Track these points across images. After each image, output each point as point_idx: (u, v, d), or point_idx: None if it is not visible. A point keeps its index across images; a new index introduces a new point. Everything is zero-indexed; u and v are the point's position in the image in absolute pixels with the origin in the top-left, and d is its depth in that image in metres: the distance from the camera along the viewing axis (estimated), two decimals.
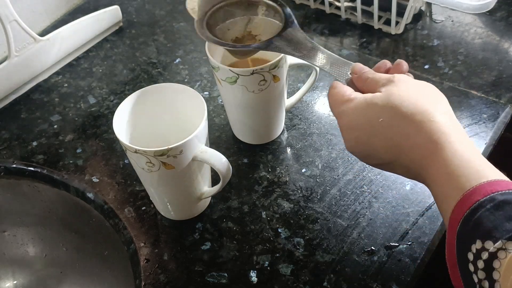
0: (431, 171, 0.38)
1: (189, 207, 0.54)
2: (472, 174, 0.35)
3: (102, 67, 0.73)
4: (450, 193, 0.36)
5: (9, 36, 0.65)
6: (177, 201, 0.53)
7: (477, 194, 0.34)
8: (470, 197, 0.34)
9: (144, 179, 0.51)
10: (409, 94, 0.39)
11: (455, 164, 0.36)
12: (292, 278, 0.49)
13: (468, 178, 0.35)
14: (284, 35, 0.48)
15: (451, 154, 0.37)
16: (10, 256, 0.67)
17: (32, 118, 0.67)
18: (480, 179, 0.35)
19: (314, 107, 0.65)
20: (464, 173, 0.36)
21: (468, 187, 0.35)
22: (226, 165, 0.48)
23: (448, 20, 0.75)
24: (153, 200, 0.55)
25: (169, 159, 0.46)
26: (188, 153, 0.46)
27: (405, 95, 0.39)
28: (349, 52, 0.72)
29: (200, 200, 0.53)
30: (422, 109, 0.39)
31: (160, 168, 0.46)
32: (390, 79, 0.41)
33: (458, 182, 0.36)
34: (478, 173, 0.35)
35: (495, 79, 0.66)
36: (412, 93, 0.40)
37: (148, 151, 0.45)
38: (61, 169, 0.61)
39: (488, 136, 0.59)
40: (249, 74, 0.52)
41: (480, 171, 0.36)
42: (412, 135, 0.38)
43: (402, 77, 0.41)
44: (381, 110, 0.40)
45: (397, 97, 0.39)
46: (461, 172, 0.36)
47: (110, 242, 0.58)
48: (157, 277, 0.50)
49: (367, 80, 0.43)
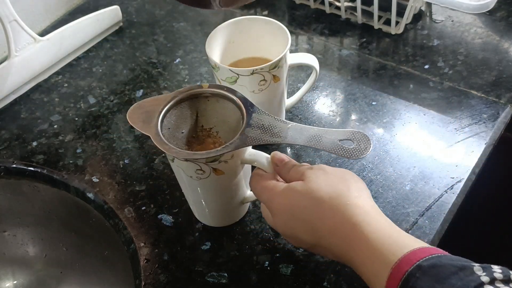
0: (355, 253, 0.40)
1: (232, 213, 0.53)
2: (395, 247, 0.37)
3: (102, 67, 0.73)
4: (378, 270, 0.38)
5: (9, 36, 0.65)
6: (221, 206, 0.51)
7: (405, 264, 0.36)
8: (399, 270, 0.36)
9: (190, 187, 0.49)
10: (325, 180, 0.42)
11: (377, 241, 0.38)
12: (292, 278, 0.49)
13: (392, 252, 0.37)
14: (253, 123, 0.45)
15: (371, 233, 0.39)
16: (10, 256, 0.67)
17: (32, 118, 0.67)
18: (403, 250, 0.37)
19: (314, 107, 0.65)
20: (387, 248, 0.38)
21: (395, 260, 0.37)
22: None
23: (448, 20, 0.75)
24: (192, 207, 0.54)
25: (221, 165, 0.45)
26: (237, 157, 0.46)
27: (321, 181, 0.42)
28: (349, 52, 0.72)
29: (242, 204, 0.52)
30: (337, 193, 0.41)
31: (210, 175, 0.45)
32: (310, 167, 0.45)
33: (384, 258, 0.37)
34: (400, 244, 0.38)
35: (495, 79, 0.66)
36: (329, 179, 0.43)
37: (200, 158, 0.43)
38: (61, 169, 0.61)
39: (488, 136, 0.59)
40: (249, 74, 0.52)
41: (401, 242, 0.38)
42: (330, 218, 0.41)
43: (321, 166, 0.45)
44: (300, 195, 0.42)
45: (314, 183, 0.42)
46: (385, 248, 0.38)
47: (110, 242, 0.58)
48: (157, 277, 0.50)
49: (293, 168, 0.45)
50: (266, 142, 0.44)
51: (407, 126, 0.61)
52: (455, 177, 0.55)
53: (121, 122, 0.65)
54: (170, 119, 0.48)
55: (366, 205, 0.41)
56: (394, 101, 0.64)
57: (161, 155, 0.61)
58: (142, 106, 0.47)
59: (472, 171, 0.56)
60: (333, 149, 0.44)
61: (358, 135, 0.44)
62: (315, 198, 0.42)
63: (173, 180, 0.56)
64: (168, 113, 0.47)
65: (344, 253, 0.41)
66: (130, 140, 0.63)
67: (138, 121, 0.46)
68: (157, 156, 0.61)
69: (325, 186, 0.42)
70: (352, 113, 0.63)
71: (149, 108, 0.47)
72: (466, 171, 0.56)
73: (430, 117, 0.62)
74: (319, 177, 0.43)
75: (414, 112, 0.63)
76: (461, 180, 0.55)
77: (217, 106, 0.48)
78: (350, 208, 0.40)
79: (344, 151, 0.43)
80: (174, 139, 0.48)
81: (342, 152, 0.43)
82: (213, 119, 0.49)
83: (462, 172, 0.56)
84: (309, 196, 0.42)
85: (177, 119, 0.48)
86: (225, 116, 0.48)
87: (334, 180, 0.43)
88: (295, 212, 0.43)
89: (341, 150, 0.43)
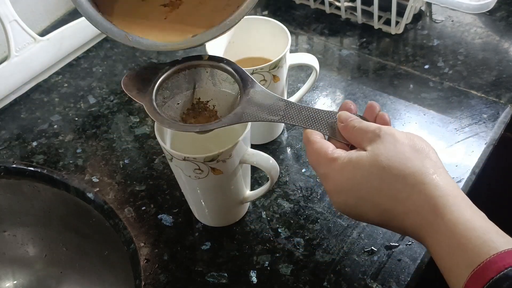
0: (432, 241, 0.36)
1: (231, 212, 0.53)
2: (479, 246, 0.33)
3: (102, 67, 0.73)
4: (457, 267, 0.33)
5: (9, 36, 0.64)
6: (221, 206, 0.51)
7: (489, 270, 0.31)
8: (482, 274, 0.32)
9: (189, 186, 0.49)
10: (397, 153, 0.37)
11: (459, 234, 0.34)
12: (292, 278, 0.49)
13: (476, 252, 0.33)
14: (250, 98, 0.43)
15: (452, 224, 0.34)
16: (10, 256, 0.67)
17: (32, 118, 0.67)
18: (489, 251, 0.32)
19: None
20: (470, 246, 0.33)
21: (478, 262, 0.32)
22: (274, 166, 0.47)
23: (448, 20, 0.75)
24: (192, 207, 0.54)
25: (219, 164, 0.44)
26: (236, 156, 0.46)
27: (393, 155, 0.37)
28: (349, 52, 0.72)
29: (242, 204, 0.52)
30: (412, 170, 0.36)
31: (209, 174, 0.45)
32: (376, 133, 0.39)
33: (465, 256, 0.33)
34: (486, 243, 0.33)
35: (495, 79, 0.66)
36: (400, 152, 0.37)
37: (198, 157, 0.43)
38: (61, 169, 0.61)
39: (488, 136, 0.59)
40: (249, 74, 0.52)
41: (487, 240, 0.33)
42: (404, 199, 0.36)
43: (388, 130, 0.39)
44: (368, 173, 0.37)
45: (385, 158, 0.37)
46: (467, 245, 0.33)
47: (110, 242, 0.58)
48: (157, 277, 0.50)
49: (354, 129, 0.40)
50: (262, 119, 0.42)
51: (407, 126, 0.61)
52: (455, 177, 0.55)
53: (121, 122, 0.65)
54: (166, 89, 0.46)
55: (447, 186, 0.36)
56: (394, 101, 0.64)
57: (161, 155, 0.61)
58: (139, 74, 0.45)
59: (472, 171, 0.56)
60: (330, 132, 0.42)
61: None
62: (385, 177, 0.37)
63: (173, 180, 0.56)
64: (165, 83, 0.45)
65: (419, 236, 0.37)
66: (130, 140, 0.63)
67: (133, 89, 0.44)
68: (157, 156, 0.61)
69: (396, 160, 0.37)
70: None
71: (145, 76, 0.45)
72: (466, 171, 0.56)
73: (430, 117, 0.62)
74: (389, 148, 0.37)
75: (414, 112, 0.63)
76: (461, 180, 0.55)
77: (215, 79, 0.47)
78: (429, 188, 0.36)
79: (340, 134, 0.42)
80: (169, 110, 0.46)
81: (338, 135, 0.42)
82: (211, 92, 0.47)
83: (462, 172, 0.56)
84: (378, 174, 0.37)
85: (174, 90, 0.46)
86: (223, 90, 0.47)
87: (406, 151, 0.37)
88: (361, 191, 0.38)
89: (337, 133, 0.42)
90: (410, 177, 0.36)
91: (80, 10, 0.41)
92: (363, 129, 0.40)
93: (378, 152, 0.38)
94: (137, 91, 0.44)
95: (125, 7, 0.44)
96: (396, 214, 0.37)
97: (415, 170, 0.36)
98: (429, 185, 0.36)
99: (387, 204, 0.37)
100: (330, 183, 0.40)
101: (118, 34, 0.41)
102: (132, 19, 0.44)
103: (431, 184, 0.36)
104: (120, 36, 0.41)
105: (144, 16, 0.44)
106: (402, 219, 0.37)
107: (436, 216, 0.35)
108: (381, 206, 0.38)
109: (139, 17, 0.44)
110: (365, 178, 0.38)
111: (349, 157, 0.39)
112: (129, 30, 0.43)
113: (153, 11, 0.45)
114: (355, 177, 0.38)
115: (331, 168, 0.39)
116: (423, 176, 0.36)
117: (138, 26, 0.44)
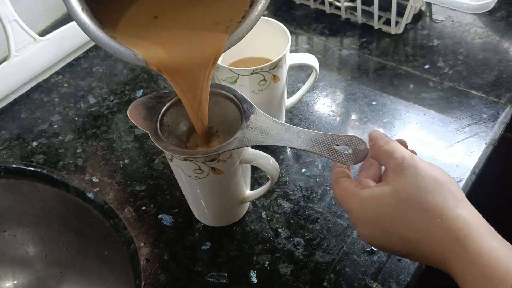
0: (457, 270, 0.36)
1: (231, 212, 0.53)
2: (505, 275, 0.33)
3: (102, 67, 0.73)
4: None
5: (9, 36, 0.65)
6: (221, 206, 0.51)
7: None
8: None
9: (189, 186, 0.49)
10: (418, 187, 0.38)
11: (483, 264, 0.34)
12: (292, 278, 0.49)
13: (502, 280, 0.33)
14: (251, 123, 0.45)
15: (476, 254, 0.35)
16: (10, 256, 0.67)
17: (32, 118, 0.67)
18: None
19: (314, 107, 0.65)
20: (496, 274, 0.34)
21: None
22: (275, 166, 0.47)
23: (448, 20, 0.75)
24: (192, 207, 0.54)
25: (219, 164, 0.45)
26: (236, 156, 0.46)
27: (414, 189, 0.38)
28: (349, 52, 0.72)
29: (242, 204, 0.52)
30: (433, 204, 0.38)
31: (209, 174, 0.45)
32: (399, 164, 0.40)
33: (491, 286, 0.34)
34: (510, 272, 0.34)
35: (495, 79, 0.66)
36: (421, 186, 0.39)
37: (198, 157, 0.43)
38: (61, 169, 0.61)
39: (488, 136, 0.59)
40: (249, 74, 0.52)
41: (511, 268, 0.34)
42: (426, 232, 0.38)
43: (412, 161, 0.40)
44: (391, 208, 0.39)
45: (406, 193, 0.39)
46: (492, 274, 0.34)
47: (110, 242, 0.58)
48: (157, 277, 0.50)
49: (380, 150, 0.42)
50: (263, 143, 0.44)
51: (407, 126, 0.61)
52: (455, 177, 0.55)
53: (121, 122, 0.65)
54: (171, 117, 0.48)
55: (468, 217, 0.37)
56: (394, 101, 0.64)
57: (161, 155, 0.61)
58: (144, 103, 0.47)
59: (472, 171, 0.56)
60: (329, 154, 0.43)
61: (355, 140, 0.43)
62: (407, 210, 0.38)
63: (173, 180, 0.56)
64: (169, 111, 0.47)
65: (445, 267, 0.37)
66: (130, 140, 0.63)
67: (139, 118, 0.46)
68: (157, 156, 0.61)
69: (417, 194, 0.38)
70: (352, 113, 0.63)
71: (150, 105, 0.47)
72: (466, 171, 0.56)
73: (430, 117, 0.62)
74: (410, 182, 0.39)
75: (414, 112, 0.63)
76: (461, 180, 0.55)
77: (217, 105, 0.48)
78: (450, 221, 0.37)
79: (339, 157, 0.42)
80: (174, 137, 0.48)
81: (337, 158, 0.42)
82: (214, 118, 0.49)
83: (462, 172, 0.56)
84: (400, 208, 0.39)
85: (178, 117, 0.48)
86: (225, 115, 0.48)
87: (427, 185, 0.38)
88: (385, 224, 0.39)
89: (337, 156, 0.42)
90: (430, 211, 0.38)
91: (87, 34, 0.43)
92: (388, 152, 0.42)
93: (398, 187, 0.39)
94: (142, 119, 0.46)
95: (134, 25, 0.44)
96: (419, 244, 0.38)
97: (435, 204, 0.38)
98: (449, 218, 0.37)
99: (410, 234, 0.38)
100: (354, 216, 0.42)
101: (126, 54, 0.42)
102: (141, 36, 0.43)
103: (451, 217, 0.37)
104: (129, 56, 0.42)
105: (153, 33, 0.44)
106: (426, 249, 0.38)
107: (459, 247, 0.36)
108: (404, 237, 0.39)
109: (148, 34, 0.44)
110: (389, 212, 0.39)
111: (371, 193, 0.41)
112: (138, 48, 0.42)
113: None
114: (378, 211, 0.40)
115: (353, 203, 0.41)
116: (444, 210, 0.37)
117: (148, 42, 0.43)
